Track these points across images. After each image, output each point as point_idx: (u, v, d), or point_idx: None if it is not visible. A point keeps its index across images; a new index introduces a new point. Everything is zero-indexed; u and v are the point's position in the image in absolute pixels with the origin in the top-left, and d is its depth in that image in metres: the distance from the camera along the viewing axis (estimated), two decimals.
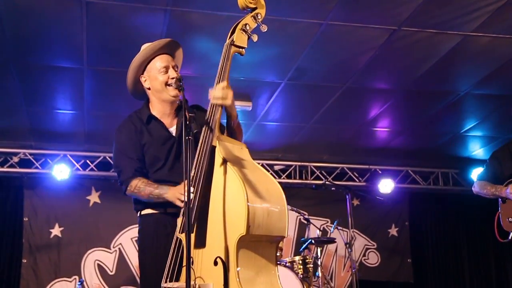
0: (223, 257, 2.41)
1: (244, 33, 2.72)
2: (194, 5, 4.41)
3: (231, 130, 2.85)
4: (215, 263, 2.42)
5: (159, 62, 2.98)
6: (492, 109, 6.46)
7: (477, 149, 7.73)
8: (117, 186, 3.00)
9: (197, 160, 2.61)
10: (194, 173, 2.57)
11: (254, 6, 2.74)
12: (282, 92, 5.97)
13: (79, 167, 7.36)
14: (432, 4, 4.39)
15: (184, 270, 2.44)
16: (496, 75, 5.58)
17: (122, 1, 4.34)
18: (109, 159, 7.19)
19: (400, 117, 6.76)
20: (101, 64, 5.32)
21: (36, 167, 7.27)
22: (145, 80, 3.03)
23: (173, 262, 2.60)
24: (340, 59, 5.32)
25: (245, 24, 2.73)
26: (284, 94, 6.03)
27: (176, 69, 3.00)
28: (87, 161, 7.43)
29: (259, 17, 2.73)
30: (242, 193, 2.39)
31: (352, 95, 6.02)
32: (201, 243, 2.53)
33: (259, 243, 2.51)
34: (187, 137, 2.43)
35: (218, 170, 2.55)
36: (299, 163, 8.05)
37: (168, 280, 2.58)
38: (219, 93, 2.67)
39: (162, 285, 2.58)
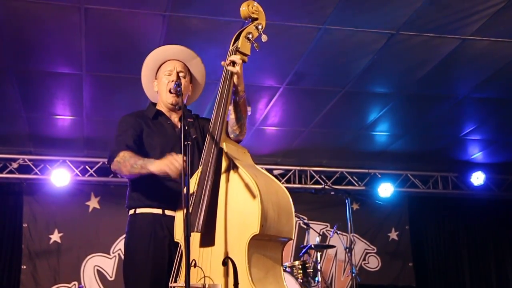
0: (232, 257, 2.42)
1: (247, 40, 2.80)
2: (192, 10, 4.41)
3: (237, 106, 2.81)
4: (224, 263, 2.43)
5: (166, 66, 3.01)
6: (491, 113, 6.46)
7: (476, 153, 7.72)
8: (117, 191, 2.93)
9: (204, 158, 2.60)
10: (201, 172, 2.58)
11: (256, 16, 2.83)
12: (281, 97, 5.97)
13: (78, 173, 7.35)
14: (430, 8, 4.40)
15: (192, 270, 2.42)
16: (495, 79, 5.59)
17: (121, 7, 4.35)
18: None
19: (399, 121, 6.76)
20: (100, 70, 5.32)
21: (35, 173, 7.26)
22: (155, 83, 3.06)
23: (178, 263, 2.58)
24: (339, 63, 5.32)
25: (249, 32, 2.81)
26: (283, 99, 6.03)
27: (183, 75, 2.98)
28: (86, 166, 7.41)
29: (260, 28, 2.82)
30: (255, 192, 2.40)
31: (351, 99, 6.03)
32: (209, 243, 2.53)
33: (268, 243, 2.53)
34: (185, 142, 2.41)
35: (226, 170, 2.55)
36: (298, 168, 8.05)
37: (174, 280, 2.57)
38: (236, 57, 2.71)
39: (170, 285, 2.57)
